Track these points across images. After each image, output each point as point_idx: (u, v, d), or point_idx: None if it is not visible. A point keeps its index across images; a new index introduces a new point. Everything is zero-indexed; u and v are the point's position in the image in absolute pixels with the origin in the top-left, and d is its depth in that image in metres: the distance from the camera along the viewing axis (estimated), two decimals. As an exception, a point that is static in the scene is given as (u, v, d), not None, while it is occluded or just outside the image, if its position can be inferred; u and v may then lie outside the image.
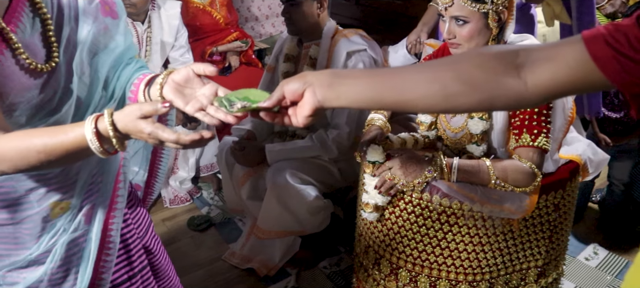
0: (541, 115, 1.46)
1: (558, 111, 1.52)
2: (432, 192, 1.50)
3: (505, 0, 1.46)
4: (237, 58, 3.25)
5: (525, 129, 1.46)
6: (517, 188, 1.46)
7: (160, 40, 2.69)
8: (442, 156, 1.49)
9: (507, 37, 1.55)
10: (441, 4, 1.48)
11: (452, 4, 1.46)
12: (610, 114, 2.40)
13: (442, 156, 1.49)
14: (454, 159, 1.48)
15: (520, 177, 1.45)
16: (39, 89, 1.01)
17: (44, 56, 1.02)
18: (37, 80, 1.00)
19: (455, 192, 1.48)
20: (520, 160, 1.46)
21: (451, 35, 1.49)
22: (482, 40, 1.50)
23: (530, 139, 1.45)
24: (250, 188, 2.24)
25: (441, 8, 1.49)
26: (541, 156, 1.46)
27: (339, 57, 2.08)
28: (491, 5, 1.44)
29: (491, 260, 1.58)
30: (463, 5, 1.44)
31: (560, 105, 1.52)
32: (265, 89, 2.41)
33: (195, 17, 3.05)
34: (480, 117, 1.52)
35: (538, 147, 1.45)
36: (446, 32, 1.50)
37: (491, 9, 1.45)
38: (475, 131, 1.54)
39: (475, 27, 1.46)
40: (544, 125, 1.46)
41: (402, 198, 1.56)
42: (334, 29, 2.16)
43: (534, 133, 1.45)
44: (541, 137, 1.45)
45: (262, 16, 3.96)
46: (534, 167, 1.44)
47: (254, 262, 2.33)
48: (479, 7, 1.44)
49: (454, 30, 1.48)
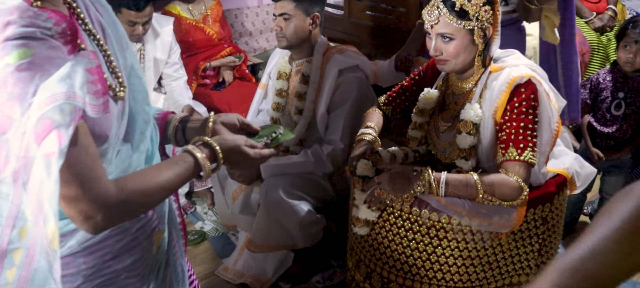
0: (527, 130, 1.48)
1: (544, 125, 1.55)
2: (421, 206, 1.52)
3: (489, 17, 1.49)
4: (231, 73, 3.28)
5: (511, 143, 1.49)
6: (505, 202, 1.48)
7: (153, 57, 2.71)
8: (430, 171, 1.51)
9: (492, 52, 1.58)
10: (427, 22, 1.51)
11: (438, 22, 1.48)
12: (602, 128, 2.43)
13: (430, 171, 1.51)
14: (442, 174, 1.50)
15: (507, 191, 1.47)
16: (121, 117, 0.96)
17: (115, 83, 0.96)
18: (119, 109, 0.95)
19: (443, 206, 1.50)
20: (508, 174, 1.48)
21: (438, 52, 1.52)
22: (468, 56, 1.53)
23: (517, 153, 1.47)
24: (243, 202, 2.25)
25: (427, 25, 1.51)
26: (528, 170, 1.49)
27: (331, 75, 2.09)
28: (476, 22, 1.47)
29: (481, 273, 1.59)
30: (448, 22, 1.47)
31: (546, 119, 1.55)
32: (257, 105, 2.43)
33: (188, 33, 3.08)
34: (468, 132, 1.55)
35: (525, 161, 1.47)
36: (433, 49, 1.52)
37: (476, 25, 1.47)
38: (463, 146, 1.56)
39: (461, 43, 1.49)
40: (529, 139, 1.48)
41: (392, 213, 1.57)
42: (325, 46, 2.18)
43: (520, 147, 1.47)
44: (527, 151, 1.47)
45: (255, 31, 4.00)
46: (520, 181, 1.46)
47: (247, 277, 2.33)
48: (464, 24, 1.47)
49: (440, 47, 1.51)
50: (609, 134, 2.42)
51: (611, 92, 2.38)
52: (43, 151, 0.75)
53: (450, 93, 1.66)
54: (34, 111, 0.75)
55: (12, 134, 0.76)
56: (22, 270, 0.84)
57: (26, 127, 0.75)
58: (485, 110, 1.55)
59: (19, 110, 0.75)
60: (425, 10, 1.50)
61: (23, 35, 0.76)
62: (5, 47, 0.75)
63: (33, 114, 0.75)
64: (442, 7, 1.46)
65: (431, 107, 1.69)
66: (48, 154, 0.75)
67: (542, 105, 1.52)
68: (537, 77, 1.52)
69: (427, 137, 1.73)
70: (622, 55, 2.32)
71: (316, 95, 2.13)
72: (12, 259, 0.85)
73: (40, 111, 0.75)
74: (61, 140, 0.75)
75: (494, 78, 1.56)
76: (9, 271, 0.86)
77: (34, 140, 0.75)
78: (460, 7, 1.45)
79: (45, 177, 0.76)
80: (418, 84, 1.79)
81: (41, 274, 0.83)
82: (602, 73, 2.44)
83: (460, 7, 1.45)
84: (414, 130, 1.71)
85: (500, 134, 1.53)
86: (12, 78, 0.75)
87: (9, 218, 0.83)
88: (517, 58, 1.60)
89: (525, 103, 1.49)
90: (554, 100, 1.58)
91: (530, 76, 1.51)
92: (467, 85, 1.60)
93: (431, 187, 1.49)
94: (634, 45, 2.27)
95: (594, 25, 3.31)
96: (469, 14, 1.45)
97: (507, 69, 1.54)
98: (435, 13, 1.47)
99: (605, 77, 2.41)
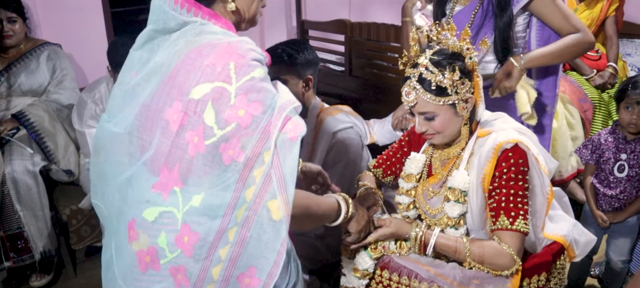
0: (517, 197, 1.43)
1: (536, 191, 1.50)
2: (410, 276, 1.46)
3: (469, 87, 1.46)
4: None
5: (502, 211, 1.43)
6: (494, 272, 1.42)
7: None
8: (421, 227, 1.50)
9: (479, 116, 1.55)
10: (406, 104, 1.47)
11: (416, 103, 1.45)
12: (606, 190, 2.35)
13: (421, 227, 1.50)
14: (432, 237, 1.47)
15: (498, 260, 1.41)
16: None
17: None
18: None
19: (433, 276, 1.44)
20: (500, 243, 1.42)
21: (423, 128, 1.49)
22: (455, 127, 1.50)
23: (509, 222, 1.42)
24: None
25: (407, 107, 1.48)
26: (520, 240, 1.43)
27: (325, 136, 2.08)
28: (456, 95, 1.44)
29: (475, 347, 1.51)
30: (427, 102, 1.43)
31: (537, 185, 1.50)
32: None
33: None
34: (456, 199, 1.50)
35: (517, 230, 1.41)
36: (417, 127, 1.50)
37: (456, 99, 1.44)
38: (451, 214, 1.51)
39: (444, 118, 1.45)
40: (521, 207, 1.43)
41: (381, 282, 1.52)
42: (319, 108, 2.18)
43: (511, 216, 1.42)
44: (519, 220, 1.42)
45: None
46: (513, 252, 1.40)
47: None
48: (443, 100, 1.43)
49: (424, 124, 1.48)
50: (613, 195, 2.34)
51: (613, 154, 2.31)
52: (287, 136, 1.03)
53: (437, 157, 1.63)
54: (277, 111, 1.04)
55: (253, 128, 1.00)
56: (235, 246, 1.04)
57: (268, 122, 1.02)
58: (473, 177, 1.50)
59: (261, 110, 1.02)
60: (403, 91, 1.46)
61: (259, 59, 1.06)
62: (252, 66, 1.03)
63: (276, 113, 1.03)
64: (419, 88, 1.42)
65: (418, 171, 1.65)
66: (291, 138, 1.03)
67: (532, 171, 1.48)
68: (524, 142, 1.47)
69: (416, 201, 1.68)
70: (625, 117, 2.24)
71: (309, 157, 2.11)
72: (226, 238, 1.04)
73: (284, 110, 1.04)
74: (300, 129, 1.04)
75: (481, 144, 1.51)
76: (222, 249, 1.04)
77: (279, 129, 1.03)
78: (436, 85, 1.41)
79: (288, 154, 1.02)
80: (408, 146, 1.76)
81: (253, 248, 1.04)
82: (604, 133, 2.38)
83: (436, 85, 1.41)
84: (401, 195, 1.67)
85: (489, 201, 1.47)
86: (257, 87, 1.03)
87: (229, 207, 1.02)
88: (505, 121, 1.56)
89: (514, 169, 1.44)
90: (543, 164, 1.53)
91: (517, 141, 1.46)
92: (454, 150, 1.57)
93: (419, 247, 1.48)
94: (637, 106, 2.20)
95: (594, 82, 3.28)
96: (447, 89, 1.42)
97: (494, 134, 1.50)
98: (413, 94, 1.44)
99: (607, 138, 2.35)
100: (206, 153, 1.01)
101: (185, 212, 1.04)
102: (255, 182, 1.01)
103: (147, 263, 1.08)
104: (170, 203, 1.05)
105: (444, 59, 1.43)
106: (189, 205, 1.03)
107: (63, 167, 2.70)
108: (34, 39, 2.84)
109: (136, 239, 1.08)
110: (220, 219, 1.03)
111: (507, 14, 1.95)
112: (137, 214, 1.08)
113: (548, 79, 2.17)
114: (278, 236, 1.02)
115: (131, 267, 1.10)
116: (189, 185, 1.03)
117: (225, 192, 1.02)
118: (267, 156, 1.01)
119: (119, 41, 2.47)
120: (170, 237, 1.05)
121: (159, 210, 1.05)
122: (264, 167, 1.01)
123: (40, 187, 2.56)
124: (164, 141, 1.04)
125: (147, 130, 1.09)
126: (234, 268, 1.05)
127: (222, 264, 1.05)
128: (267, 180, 1.01)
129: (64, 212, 2.68)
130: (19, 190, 2.50)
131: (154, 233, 1.06)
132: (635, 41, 3.93)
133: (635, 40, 3.93)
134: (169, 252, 1.05)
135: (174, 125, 1.03)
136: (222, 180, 1.02)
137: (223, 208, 1.03)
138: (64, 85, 2.81)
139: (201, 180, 1.03)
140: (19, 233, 2.55)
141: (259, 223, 1.02)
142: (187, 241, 1.04)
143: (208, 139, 1.00)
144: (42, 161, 2.63)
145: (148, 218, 1.06)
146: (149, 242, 1.07)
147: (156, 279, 1.08)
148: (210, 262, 1.04)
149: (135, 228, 1.09)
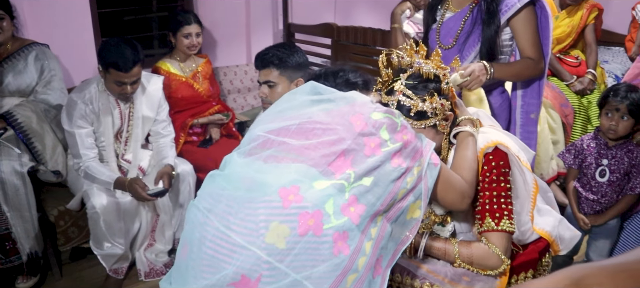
0: (501, 198, 1.48)
1: (519, 189, 1.55)
2: (403, 273, 1.50)
3: (447, 106, 1.51)
4: (218, 130, 3.29)
5: (487, 213, 1.48)
6: (483, 272, 1.46)
7: (141, 115, 2.72)
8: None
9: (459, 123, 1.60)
10: None
11: None
12: (588, 194, 2.43)
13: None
14: (422, 241, 1.50)
15: (486, 262, 1.45)
16: None
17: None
18: None
19: (425, 274, 1.48)
20: (488, 244, 1.47)
21: None
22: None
23: (494, 224, 1.46)
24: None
25: None
26: (507, 239, 1.47)
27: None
28: (435, 117, 1.48)
29: (465, 342, 1.56)
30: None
31: (520, 183, 1.56)
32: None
33: (177, 89, 3.11)
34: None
35: (503, 230, 1.46)
36: None
37: (437, 120, 1.49)
38: (439, 212, 1.56)
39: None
40: (505, 207, 1.47)
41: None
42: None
43: (496, 217, 1.46)
44: (504, 220, 1.46)
45: (244, 88, 4.05)
46: (500, 252, 1.45)
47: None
48: (424, 123, 1.48)
49: None
50: (594, 199, 2.41)
51: (595, 159, 2.38)
52: (432, 161, 1.36)
53: None
54: (426, 143, 1.36)
55: (411, 148, 1.32)
56: (376, 241, 1.23)
57: (420, 147, 1.34)
58: None
59: (415, 138, 1.35)
60: None
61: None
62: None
63: (426, 144, 1.36)
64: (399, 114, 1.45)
65: None
66: (435, 163, 1.37)
67: (514, 169, 1.53)
68: (504, 143, 1.52)
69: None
70: (605, 123, 2.32)
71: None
72: (370, 234, 1.22)
73: (431, 145, 1.37)
74: (438, 160, 1.39)
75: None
76: (368, 243, 1.21)
77: (430, 156, 1.36)
78: (416, 111, 1.46)
79: (431, 172, 1.37)
80: None
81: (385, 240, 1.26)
82: (586, 139, 2.45)
83: (416, 111, 1.46)
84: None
85: (474, 204, 1.52)
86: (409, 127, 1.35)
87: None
88: (482, 117, 1.62)
89: (496, 171, 1.48)
90: (524, 160, 1.57)
91: (497, 143, 1.51)
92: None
93: (410, 251, 1.50)
94: (616, 113, 2.28)
95: (574, 88, 3.37)
96: (427, 113, 1.46)
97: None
98: None
99: (589, 144, 2.42)
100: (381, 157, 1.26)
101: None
102: (407, 187, 1.28)
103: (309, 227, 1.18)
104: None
105: (420, 83, 1.48)
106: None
107: (51, 167, 2.68)
108: (21, 39, 2.81)
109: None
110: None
111: (495, 23, 2.02)
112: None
113: (533, 86, 2.24)
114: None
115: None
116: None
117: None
118: (416, 170, 1.30)
119: (110, 42, 2.47)
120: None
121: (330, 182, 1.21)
122: (413, 177, 1.29)
123: (27, 187, 2.55)
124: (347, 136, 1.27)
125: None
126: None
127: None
128: (417, 182, 1.31)
129: (52, 213, 2.66)
130: (7, 191, 2.48)
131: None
132: (612, 49, 4.04)
133: (612, 48, 4.04)
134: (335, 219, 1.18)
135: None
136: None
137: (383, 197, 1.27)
138: (52, 85, 2.79)
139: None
140: (7, 234, 2.53)
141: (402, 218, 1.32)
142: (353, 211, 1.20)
143: (383, 148, 1.26)
144: (30, 162, 2.62)
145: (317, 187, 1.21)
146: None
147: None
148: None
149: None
